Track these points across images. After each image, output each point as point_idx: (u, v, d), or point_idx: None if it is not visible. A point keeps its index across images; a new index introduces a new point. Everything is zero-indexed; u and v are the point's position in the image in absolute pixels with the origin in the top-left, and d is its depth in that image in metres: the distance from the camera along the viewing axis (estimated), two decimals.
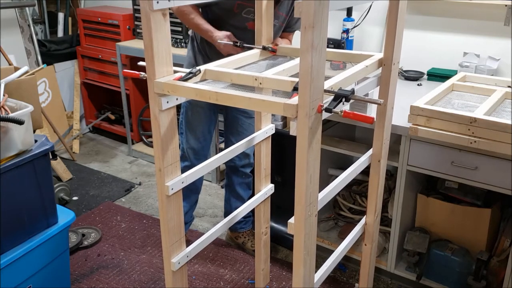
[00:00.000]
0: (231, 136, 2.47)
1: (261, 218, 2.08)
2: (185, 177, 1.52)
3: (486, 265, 2.08)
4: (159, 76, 1.35)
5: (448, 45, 2.62)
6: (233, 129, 2.46)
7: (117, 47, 3.56)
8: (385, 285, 2.39)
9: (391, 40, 1.53)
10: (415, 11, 2.65)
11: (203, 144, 2.42)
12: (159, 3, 1.26)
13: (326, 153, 2.30)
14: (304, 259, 1.29)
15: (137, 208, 3.11)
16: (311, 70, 1.09)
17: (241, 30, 2.08)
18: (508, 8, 2.36)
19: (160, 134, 1.40)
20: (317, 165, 1.23)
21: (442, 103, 2.05)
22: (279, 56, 1.80)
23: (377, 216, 1.81)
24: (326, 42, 1.14)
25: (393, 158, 2.08)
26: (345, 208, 2.62)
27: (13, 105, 1.83)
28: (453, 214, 2.18)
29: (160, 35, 1.31)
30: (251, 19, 2.07)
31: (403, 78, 2.64)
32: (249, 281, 2.42)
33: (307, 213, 1.24)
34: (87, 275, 2.46)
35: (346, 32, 2.79)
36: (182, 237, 1.59)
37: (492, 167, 1.88)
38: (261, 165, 1.97)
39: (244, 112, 2.40)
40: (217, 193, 3.31)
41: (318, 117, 1.17)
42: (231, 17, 2.09)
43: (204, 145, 2.43)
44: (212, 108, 2.36)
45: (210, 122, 2.41)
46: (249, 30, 2.04)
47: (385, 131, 1.67)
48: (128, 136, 3.88)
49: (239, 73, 1.44)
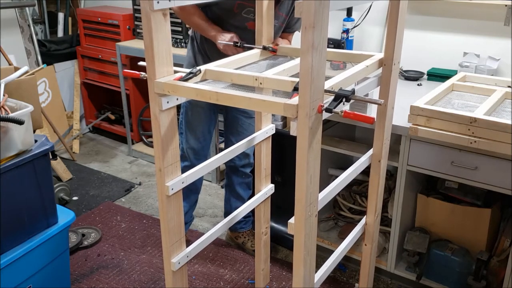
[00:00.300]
0: (231, 136, 2.47)
1: (261, 218, 2.08)
2: (185, 177, 1.52)
3: (486, 265, 2.08)
4: (160, 76, 1.35)
5: (448, 45, 2.62)
6: (233, 129, 2.46)
7: (117, 47, 3.56)
8: (385, 285, 2.39)
9: (391, 40, 1.53)
10: (415, 11, 2.65)
11: (203, 144, 2.42)
12: (159, 3, 1.26)
13: (326, 153, 2.30)
14: (304, 259, 1.29)
15: (137, 208, 3.11)
16: (311, 70, 1.09)
17: (241, 30, 2.08)
18: (508, 8, 2.36)
19: (161, 134, 1.40)
20: (317, 165, 1.23)
21: (442, 103, 2.05)
22: (280, 56, 1.80)
23: (377, 216, 1.81)
24: (326, 42, 1.13)
25: (393, 158, 2.07)
26: (345, 208, 2.62)
27: (13, 105, 1.83)
28: (453, 214, 2.19)
29: (160, 35, 1.31)
30: (251, 19, 2.07)
31: (403, 78, 2.64)
32: (249, 281, 2.42)
33: (307, 213, 1.24)
34: (87, 275, 2.46)
35: (346, 32, 2.79)
36: (182, 237, 1.59)
37: (492, 167, 1.88)
38: (261, 165, 1.97)
39: (244, 112, 2.40)
40: (217, 193, 3.31)
41: (318, 117, 1.17)
42: (231, 17, 2.09)
43: (204, 145, 2.43)
44: (212, 108, 2.36)
45: (210, 122, 2.41)
46: (249, 30, 2.04)
47: (386, 131, 1.67)
48: (128, 136, 3.88)
49: (240, 73, 1.44)
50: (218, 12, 2.10)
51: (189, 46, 2.32)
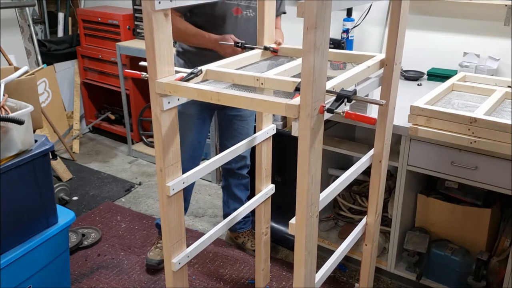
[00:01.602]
0: (226, 141, 2.41)
1: (262, 218, 2.08)
2: (186, 178, 1.52)
3: (486, 265, 2.08)
4: (161, 76, 1.35)
5: (448, 45, 2.62)
6: (228, 134, 2.41)
7: (117, 47, 3.55)
8: (385, 285, 2.39)
9: (393, 41, 1.53)
10: (415, 11, 2.65)
11: (192, 154, 2.28)
12: (161, 3, 1.26)
13: (327, 153, 2.29)
14: (305, 260, 1.29)
15: (137, 208, 3.11)
16: (313, 70, 1.09)
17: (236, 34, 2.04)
18: (508, 8, 2.36)
19: (162, 134, 1.40)
20: (318, 166, 1.23)
21: (442, 103, 2.05)
22: (281, 56, 1.80)
23: (377, 216, 1.81)
24: (328, 43, 1.13)
25: (393, 158, 2.07)
26: (345, 208, 2.62)
27: (13, 105, 1.83)
28: (453, 214, 2.19)
29: (161, 35, 1.31)
30: (248, 23, 2.06)
31: (403, 78, 2.64)
32: (249, 281, 2.42)
33: (309, 214, 1.24)
34: (87, 275, 2.46)
35: (346, 32, 2.79)
36: (182, 237, 1.59)
37: (492, 167, 1.88)
38: (262, 165, 1.97)
39: (237, 115, 2.35)
40: (217, 193, 3.31)
41: (320, 117, 1.17)
42: (225, 21, 2.07)
43: (194, 156, 2.29)
44: (202, 116, 2.28)
45: (200, 132, 2.29)
46: (244, 34, 2.02)
47: (387, 132, 1.67)
48: (128, 136, 3.88)
49: (241, 74, 1.44)
50: (207, 19, 2.06)
51: (176, 63, 2.23)
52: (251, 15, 2.12)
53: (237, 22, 2.10)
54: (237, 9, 2.08)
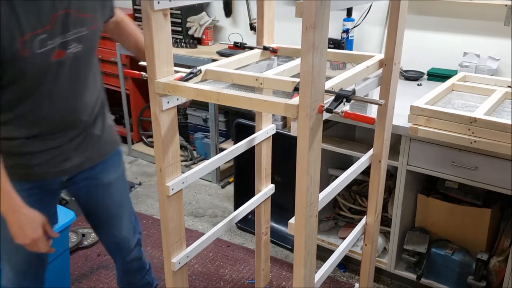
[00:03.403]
0: (100, 229, 1.79)
1: (261, 218, 2.08)
2: (186, 177, 1.52)
3: (486, 265, 2.08)
4: (160, 76, 1.35)
5: (448, 45, 2.62)
6: (92, 211, 1.74)
7: (117, 47, 3.55)
8: (385, 285, 2.39)
9: (392, 41, 1.52)
10: (415, 11, 2.65)
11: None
12: (160, 3, 1.26)
13: (327, 153, 2.30)
14: (304, 260, 1.29)
15: (137, 208, 3.11)
16: (312, 70, 1.09)
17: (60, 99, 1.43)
18: (508, 8, 2.36)
19: (161, 134, 1.40)
20: (317, 166, 1.23)
21: (442, 103, 2.05)
22: (280, 56, 1.80)
23: (377, 216, 1.81)
24: (327, 43, 1.13)
25: (393, 158, 2.08)
26: (345, 208, 2.62)
27: None
28: (453, 214, 2.19)
29: (161, 35, 1.31)
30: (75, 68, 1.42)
31: (403, 78, 2.64)
32: (249, 281, 2.43)
33: (308, 214, 1.24)
34: (87, 275, 2.46)
35: (346, 32, 2.79)
36: (182, 237, 1.59)
37: (492, 167, 1.88)
38: (262, 165, 1.97)
39: (93, 177, 1.66)
40: (217, 193, 3.31)
41: (319, 117, 1.17)
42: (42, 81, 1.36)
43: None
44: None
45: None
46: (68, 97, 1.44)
47: (386, 132, 1.67)
48: (128, 136, 3.88)
49: (240, 73, 1.44)
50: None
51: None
52: (78, 49, 1.41)
53: (58, 73, 1.38)
54: (59, 52, 1.35)
